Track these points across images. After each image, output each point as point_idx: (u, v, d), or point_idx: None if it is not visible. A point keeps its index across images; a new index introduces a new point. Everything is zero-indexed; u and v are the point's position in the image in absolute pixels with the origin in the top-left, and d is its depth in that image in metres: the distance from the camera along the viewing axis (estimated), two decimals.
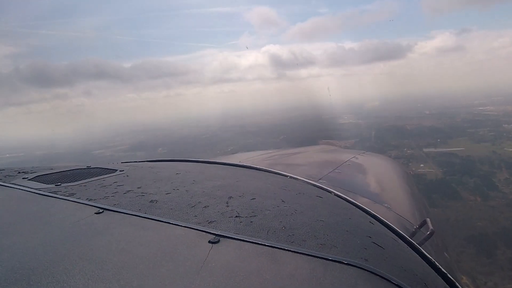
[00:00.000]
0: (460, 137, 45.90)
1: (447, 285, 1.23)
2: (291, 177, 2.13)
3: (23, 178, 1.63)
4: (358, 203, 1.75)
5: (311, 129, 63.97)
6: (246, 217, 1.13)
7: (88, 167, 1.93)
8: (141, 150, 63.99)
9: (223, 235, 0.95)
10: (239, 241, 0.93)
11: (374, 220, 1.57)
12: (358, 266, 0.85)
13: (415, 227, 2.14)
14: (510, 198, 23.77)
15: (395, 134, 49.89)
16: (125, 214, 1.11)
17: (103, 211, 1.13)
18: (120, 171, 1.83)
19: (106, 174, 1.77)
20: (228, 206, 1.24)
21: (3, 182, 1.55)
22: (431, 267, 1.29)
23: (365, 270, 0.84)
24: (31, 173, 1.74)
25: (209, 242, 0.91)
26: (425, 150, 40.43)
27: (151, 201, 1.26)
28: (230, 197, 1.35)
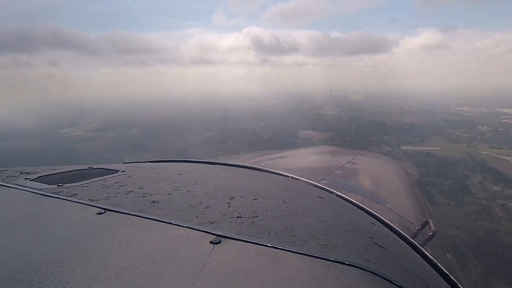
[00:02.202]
0: (437, 136, 46.32)
1: (449, 286, 1.24)
2: (292, 177, 2.13)
3: (25, 179, 1.63)
4: (360, 204, 1.75)
5: (292, 118, 62.96)
6: (248, 217, 1.14)
7: (90, 168, 1.94)
8: (112, 131, 60.51)
9: (224, 236, 0.96)
10: (240, 241, 0.94)
11: (376, 220, 1.57)
12: (359, 267, 0.85)
13: (416, 227, 2.11)
14: (483, 204, 23.64)
15: (375, 129, 49.61)
16: (127, 215, 1.12)
17: (105, 212, 1.14)
18: (121, 171, 1.84)
19: (107, 174, 1.77)
20: (229, 206, 1.25)
21: (6, 182, 1.57)
22: (433, 268, 1.30)
23: (367, 271, 0.84)
24: (33, 173, 1.76)
25: (211, 242, 0.92)
26: (403, 148, 40.31)
27: (153, 202, 1.28)
28: (232, 198, 1.36)
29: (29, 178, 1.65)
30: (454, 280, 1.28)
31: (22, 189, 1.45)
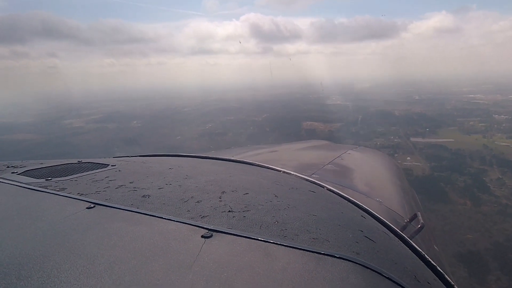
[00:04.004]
0: (449, 126, 43.61)
1: (436, 277, 1.25)
2: (284, 172, 2.14)
3: (12, 173, 1.61)
4: (350, 198, 1.76)
5: (296, 108, 60.85)
6: (239, 211, 1.15)
7: (79, 162, 1.91)
8: (113, 122, 59.74)
9: (216, 230, 0.96)
10: (232, 235, 0.94)
11: (366, 214, 1.58)
12: (350, 259, 0.86)
13: (405, 220, 2.15)
14: (503, 204, 21.43)
15: (382, 119, 47.18)
16: (117, 209, 1.12)
17: (94, 206, 1.14)
18: (112, 165, 1.82)
19: (97, 168, 1.75)
20: (221, 201, 1.25)
21: None
22: (421, 260, 1.32)
23: (357, 263, 0.86)
24: (21, 167, 1.73)
25: (202, 236, 0.92)
26: (412, 139, 37.86)
27: (144, 196, 1.27)
28: (223, 192, 1.36)
29: (16, 172, 1.60)
30: (441, 271, 1.29)
31: (9, 183, 1.41)
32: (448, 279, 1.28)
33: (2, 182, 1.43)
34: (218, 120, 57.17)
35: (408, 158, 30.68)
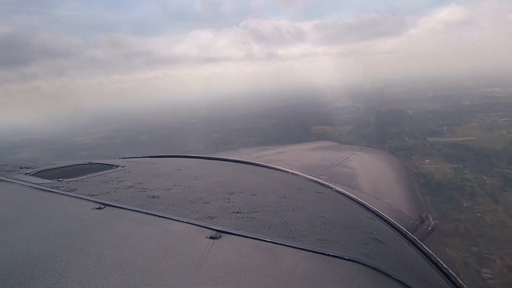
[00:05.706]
0: (468, 123, 40.73)
1: (448, 280, 1.24)
2: (292, 173, 2.12)
3: (25, 174, 1.63)
4: (359, 199, 1.74)
5: (305, 113, 59.24)
6: (247, 213, 1.14)
7: (90, 163, 1.92)
8: (121, 138, 59.76)
9: (224, 231, 0.96)
10: (240, 237, 0.94)
11: (375, 216, 1.55)
12: (359, 261, 0.86)
13: (416, 223, 2.09)
14: None
15: (396, 119, 44.82)
16: (126, 210, 1.13)
17: (104, 207, 1.15)
18: (121, 166, 1.82)
19: (107, 169, 1.77)
20: (229, 202, 1.25)
21: (5, 177, 1.56)
22: (432, 263, 1.30)
23: (366, 265, 0.85)
24: (33, 168, 1.74)
25: (210, 237, 0.92)
26: (429, 139, 35.31)
27: (152, 197, 1.28)
28: (231, 193, 1.36)
29: (29, 173, 1.63)
30: (453, 274, 1.27)
31: (21, 184, 1.44)
32: (460, 281, 1.24)
33: (15, 183, 1.44)
34: (225, 130, 56.27)
35: (427, 160, 28.26)
